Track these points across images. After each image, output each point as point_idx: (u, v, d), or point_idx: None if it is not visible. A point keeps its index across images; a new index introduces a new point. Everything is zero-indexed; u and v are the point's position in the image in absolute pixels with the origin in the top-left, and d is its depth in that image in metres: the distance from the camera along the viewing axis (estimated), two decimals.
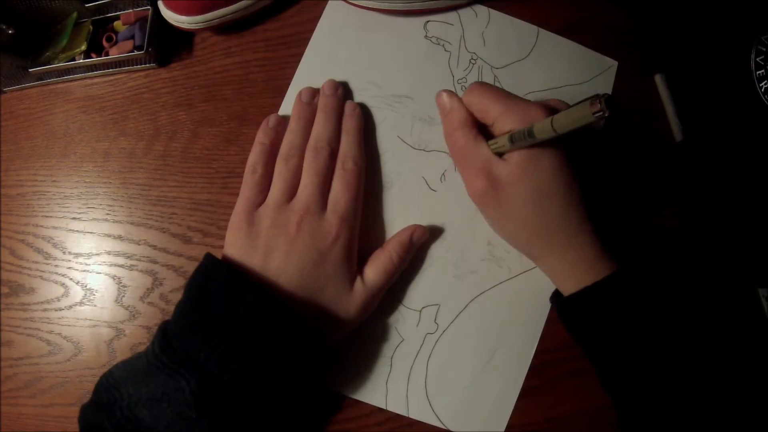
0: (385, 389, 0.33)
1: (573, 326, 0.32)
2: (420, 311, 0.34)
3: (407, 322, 0.34)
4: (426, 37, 0.38)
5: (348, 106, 0.36)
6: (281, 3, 0.38)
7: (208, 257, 0.29)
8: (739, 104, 0.39)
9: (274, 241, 0.30)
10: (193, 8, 0.36)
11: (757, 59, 0.39)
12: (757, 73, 0.39)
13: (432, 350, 0.34)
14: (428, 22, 0.38)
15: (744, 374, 0.27)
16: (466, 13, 0.38)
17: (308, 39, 0.38)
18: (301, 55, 0.38)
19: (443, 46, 0.37)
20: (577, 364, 0.34)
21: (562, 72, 0.38)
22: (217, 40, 0.39)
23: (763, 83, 0.38)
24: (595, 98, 0.22)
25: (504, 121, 0.30)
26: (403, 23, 0.38)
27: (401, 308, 0.34)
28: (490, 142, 0.31)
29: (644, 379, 0.28)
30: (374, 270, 0.32)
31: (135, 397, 0.26)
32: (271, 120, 0.35)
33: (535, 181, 0.29)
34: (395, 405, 0.33)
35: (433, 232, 0.35)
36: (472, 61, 0.37)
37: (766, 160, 0.38)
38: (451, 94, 0.33)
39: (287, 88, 0.37)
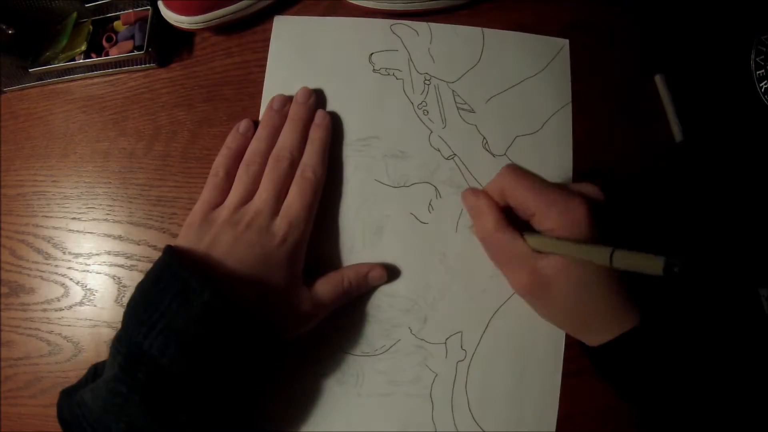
0: (432, 426, 0.33)
1: (602, 370, 0.32)
2: (445, 343, 0.34)
3: (435, 357, 0.34)
4: (374, 71, 0.37)
5: (318, 115, 0.36)
6: (281, 3, 0.38)
7: (165, 248, 0.29)
8: (739, 104, 0.39)
9: (221, 234, 0.31)
10: (193, 8, 0.36)
11: (757, 59, 0.39)
12: (757, 73, 0.38)
13: (467, 376, 0.34)
14: (372, 54, 0.37)
15: (746, 378, 0.28)
16: (407, 35, 0.38)
17: None
18: None
19: (393, 74, 0.37)
20: (578, 364, 0.34)
21: (517, 67, 0.37)
22: (217, 40, 0.39)
23: (763, 83, 0.38)
24: (671, 259, 0.22)
25: (545, 217, 0.29)
26: (349, 59, 0.37)
27: (426, 345, 0.34)
28: (528, 237, 0.30)
29: (671, 405, 0.28)
30: (324, 283, 0.33)
31: (93, 383, 0.28)
32: (242, 125, 0.35)
33: (582, 278, 0.28)
34: None
35: (438, 260, 0.35)
36: (426, 82, 0.37)
37: (766, 160, 0.38)
38: (476, 192, 0.32)
39: None
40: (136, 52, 0.37)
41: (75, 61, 0.37)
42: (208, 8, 0.36)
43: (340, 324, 0.34)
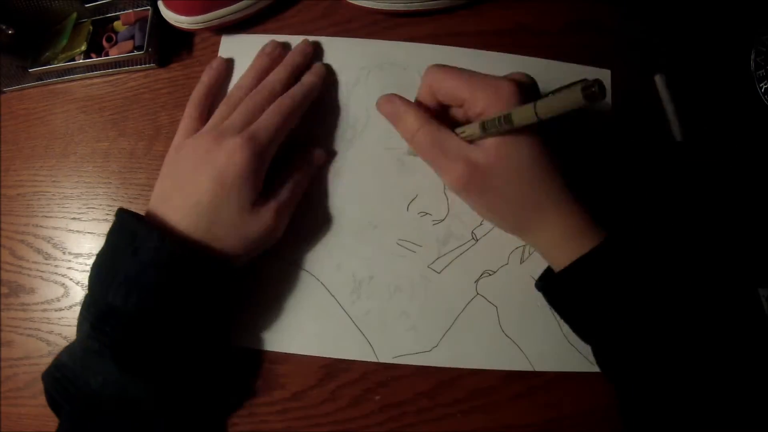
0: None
1: (565, 304, 0.31)
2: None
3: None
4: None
5: (315, 65, 0.36)
6: (281, 3, 0.38)
7: (117, 210, 0.30)
8: (739, 104, 0.39)
9: (183, 161, 0.31)
10: (193, 8, 0.36)
11: (757, 59, 0.39)
12: (757, 73, 0.38)
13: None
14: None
15: (742, 356, 0.27)
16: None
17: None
18: None
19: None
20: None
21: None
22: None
23: (763, 83, 0.38)
24: (586, 82, 0.22)
25: (475, 101, 0.28)
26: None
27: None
28: (458, 129, 0.30)
29: (640, 357, 0.27)
30: (280, 186, 0.32)
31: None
32: (215, 62, 0.36)
33: (516, 158, 0.28)
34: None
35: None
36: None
37: (766, 160, 0.38)
38: (391, 97, 0.32)
39: None
40: (136, 52, 0.37)
41: (75, 61, 0.37)
42: (208, 8, 0.36)
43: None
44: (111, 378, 0.27)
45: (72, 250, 0.37)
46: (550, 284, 0.31)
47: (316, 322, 0.34)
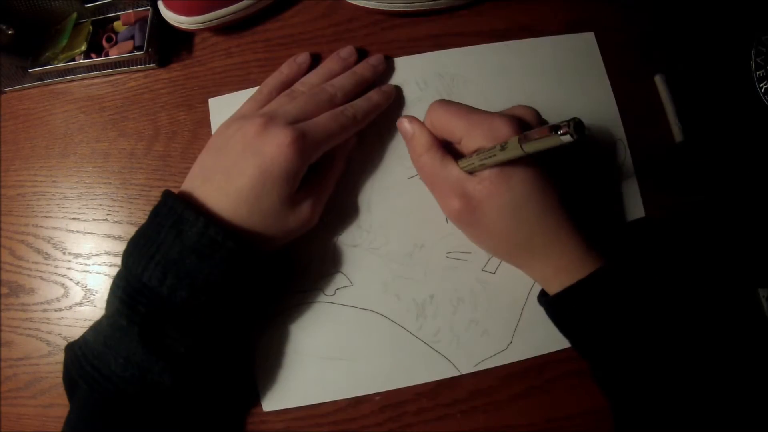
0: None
1: (562, 324, 0.31)
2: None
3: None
4: None
5: (387, 85, 0.36)
6: (281, 3, 0.38)
7: (164, 191, 0.30)
8: (739, 104, 0.39)
9: (232, 143, 0.30)
10: (193, 8, 0.36)
11: (757, 59, 0.39)
12: (757, 73, 0.38)
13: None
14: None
15: (742, 370, 0.27)
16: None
17: (308, 40, 0.38)
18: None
19: None
20: (578, 365, 0.34)
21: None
22: (217, 40, 0.39)
23: (763, 83, 0.38)
24: (564, 123, 0.22)
25: (471, 138, 0.29)
26: None
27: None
28: (459, 161, 0.30)
29: (637, 374, 0.28)
30: (316, 176, 0.32)
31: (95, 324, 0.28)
32: (300, 57, 0.36)
33: (508, 194, 0.29)
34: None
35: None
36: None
37: (766, 160, 0.38)
38: (412, 119, 0.33)
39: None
40: (136, 53, 0.37)
41: (75, 61, 0.37)
42: (208, 8, 0.36)
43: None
44: (134, 358, 0.26)
45: (72, 251, 0.37)
46: (549, 302, 0.31)
47: (391, 357, 0.34)
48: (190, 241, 0.27)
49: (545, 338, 0.34)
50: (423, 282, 0.35)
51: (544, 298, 0.32)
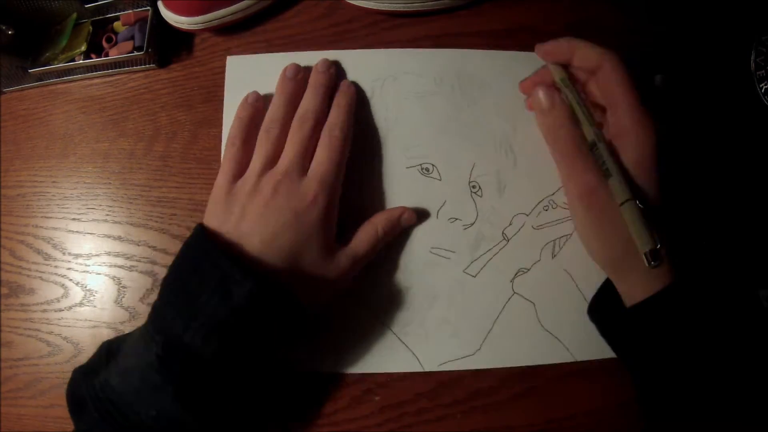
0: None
1: (622, 338, 0.31)
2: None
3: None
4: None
5: (342, 84, 0.35)
6: (281, 4, 0.38)
7: (197, 229, 0.29)
8: (739, 104, 0.39)
9: (250, 205, 0.30)
10: (192, 9, 0.36)
11: (757, 59, 0.39)
12: (757, 73, 0.38)
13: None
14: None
15: (748, 377, 0.27)
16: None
17: (308, 40, 0.38)
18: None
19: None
20: (578, 365, 0.34)
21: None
22: (217, 40, 0.39)
23: (763, 84, 0.38)
24: (655, 252, 0.27)
25: (622, 117, 0.30)
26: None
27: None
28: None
29: (685, 385, 0.28)
30: (359, 239, 0.32)
31: (115, 368, 0.27)
32: (250, 97, 0.35)
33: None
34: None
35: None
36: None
37: (766, 160, 0.38)
38: (550, 89, 0.32)
39: None
40: (135, 53, 0.37)
41: (75, 61, 0.37)
42: (208, 9, 0.36)
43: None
44: (168, 414, 0.26)
45: (72, 251, 0.37)
46: (608, 317, 0.31)
47: (357, 340, 0.34)
48: (238, 303, 0.26)
49: (514, 351, 0.34)
50: (403, 272, 0.35)
51: (596, 314, 0.32)
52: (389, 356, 0.34)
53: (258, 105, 0.34)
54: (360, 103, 0.36)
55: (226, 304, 0.26)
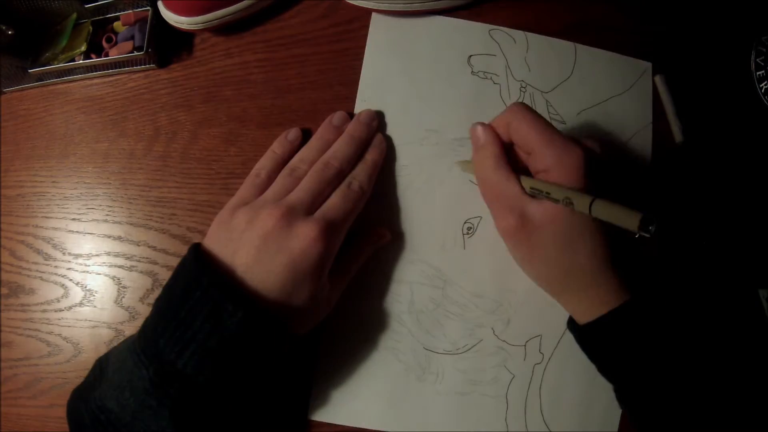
0: (505, 426, 0.34)
1: (591, 350, 0.32)
2: (525, 345, 0.35)
3: (514, 359, 0.35)
4: (473, 73, 0.37)
5: (376, 138, 0.35)
6: (281, 3, 0.38)
7: (193, 250, 0.29)
8: (739, 104, 0.39)
9: (248, 232, 0.29)
10: (192, 9, 0.35)
11: (757, 59, 0.39)
12: (757, 73, 0.39)
13: (542, 379, 0.35)
14: (471, 56, 0.37)
15: (746, 377, 0.28)
16: (505, 41, 0.38)
17: (309, 40, 0.38)
18: (301, 55, 0.38)
19: (491, 78, 0.37)
20: None
21: (605, 84, 0.38)
22: (217, 40, 0.38)
23: (763, 84, 0.38)
24: (647, 218, 0.23)
25: (541, 157, 0.29)
26: (448, 58, 0.37)
27: (507, 347, 0.35)
28: (523, 179, 0.30)
29: (660, 393, 0.28)
30: (349, 270, 0.33)
31: (107, 384, 0.27)
32: (291, 133, 0.35)
33: (567, 224, 0.29)
34: None
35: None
36: (522, 89, 0.37)
37: (766, 160, 0.38)
38: (486, 127, 0.32)
39: (287, 89, 0.37)
40: (135, 53, 0.37)
41: (75, 61, 0.37)
42: (208, 9, 0.36)
43: (422, 320, 0.35)
44: None
45: (72, 251, 0.37)
46: (579, 330, 0.32)
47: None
48: (230, 332, 0.26)
49: None
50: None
51: (574, 326, 0.32)
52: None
53: (295, 144, 0.35)
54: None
55: (218, 332, 0.26)
